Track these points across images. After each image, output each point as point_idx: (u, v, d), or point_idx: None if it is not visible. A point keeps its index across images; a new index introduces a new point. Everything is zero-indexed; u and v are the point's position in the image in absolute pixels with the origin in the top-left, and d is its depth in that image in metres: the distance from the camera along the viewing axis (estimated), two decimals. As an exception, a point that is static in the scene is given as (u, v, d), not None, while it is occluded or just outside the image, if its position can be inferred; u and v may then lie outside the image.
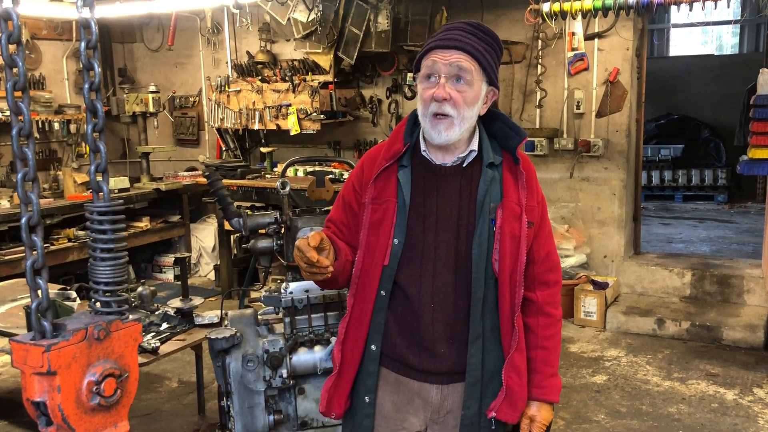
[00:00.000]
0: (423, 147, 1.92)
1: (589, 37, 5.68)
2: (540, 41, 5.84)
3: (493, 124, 1.94)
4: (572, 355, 4.94)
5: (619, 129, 5.72)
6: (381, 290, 1.89)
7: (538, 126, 5.95)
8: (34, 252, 1.41)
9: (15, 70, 1.38)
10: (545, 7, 5.13)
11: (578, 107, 5.78)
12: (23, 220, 1.40)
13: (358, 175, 2.00)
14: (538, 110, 5.95)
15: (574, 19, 5.35)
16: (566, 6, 5.06)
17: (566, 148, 5.82)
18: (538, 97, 5.89)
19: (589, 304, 5.48)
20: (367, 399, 1.94)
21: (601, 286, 5.53)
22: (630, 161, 5.84)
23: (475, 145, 1.90)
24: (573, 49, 5.71)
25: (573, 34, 5.67)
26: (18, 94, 1.38)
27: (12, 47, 1.37)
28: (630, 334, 5.33)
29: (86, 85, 1.50)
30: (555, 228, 5.81)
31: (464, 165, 1.90)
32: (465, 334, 1.87)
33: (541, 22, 5.33)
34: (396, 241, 1.87)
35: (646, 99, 6.05)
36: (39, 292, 1.42)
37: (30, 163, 1.40)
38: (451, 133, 1.82)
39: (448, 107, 1.80)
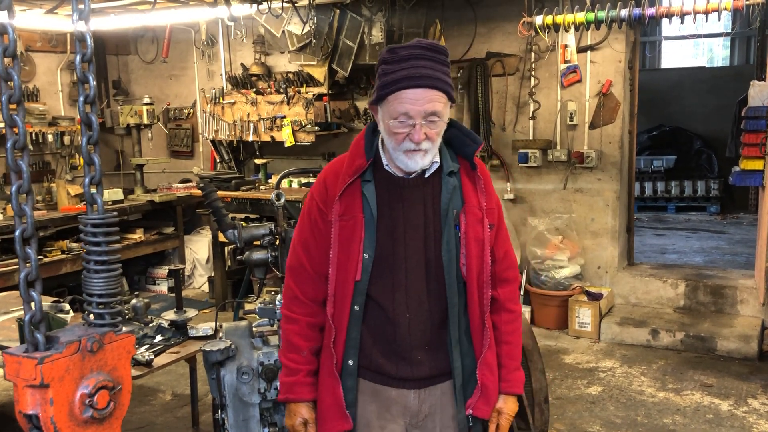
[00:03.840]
0: (385, 162, 1.92)
1: (581, 50, 5.72)
2: (533, 54, 5.88)
3: (447, 131, 1.93)
4: (567, 366, 4.94)
5: (612, 140, 5.75)
6: (354, 305, 1.89)
7: (531, 137, 5.98)
8: (28, 264, 1.41)
9: (10, 83, 1.39)
10: (538, 20, 5.16)
11: (571, 119, 5.82)
12: (17, 233, 1.40)
13: (321, 194, 1.96)
14: (531, 122, 5.98)
15: (566, 31, 5.39)
16: (559, 19, 5.09)
17: (560, 160, 5.85)
18: (532, 108, 5.93)
19: (583, 315, 5.48)
20: (348, 413, 1.95)
21: (595, 297, 5.54)
22: (623, 172, 5.87)
23: (437, 157, 1.91)
24: (566, 62, 5.75)
25: (566, 46, 5.72)
26: (13, 107, 1.39)
27: (7, 60, 1.38)
28: (624, 344, 5.33)
29: (81, 98, 1.51)
30: (549, 239, 5.83)
31: (426, 176, 1.92)
32: (440, 339, 1.92)
33: (534, 34, 5.36)
34: (366, 255, 1.87)
35: (639, 111, 6.10)
36: (32, 304, 1.41)
37: (24, 176, 1.41)
38: (426, 160, 1.86)
39: (424, 143, 1.81)
